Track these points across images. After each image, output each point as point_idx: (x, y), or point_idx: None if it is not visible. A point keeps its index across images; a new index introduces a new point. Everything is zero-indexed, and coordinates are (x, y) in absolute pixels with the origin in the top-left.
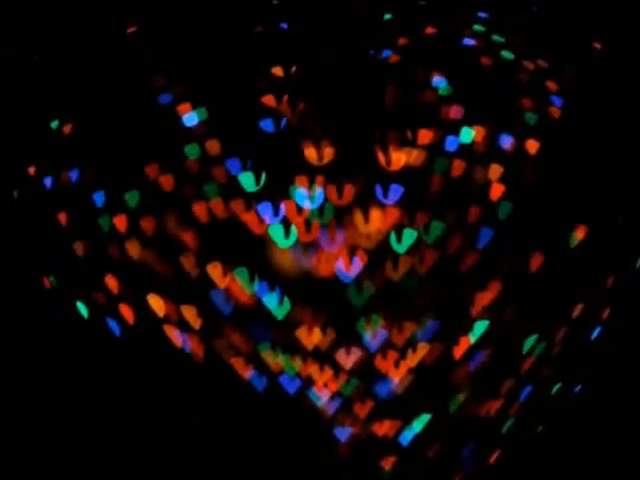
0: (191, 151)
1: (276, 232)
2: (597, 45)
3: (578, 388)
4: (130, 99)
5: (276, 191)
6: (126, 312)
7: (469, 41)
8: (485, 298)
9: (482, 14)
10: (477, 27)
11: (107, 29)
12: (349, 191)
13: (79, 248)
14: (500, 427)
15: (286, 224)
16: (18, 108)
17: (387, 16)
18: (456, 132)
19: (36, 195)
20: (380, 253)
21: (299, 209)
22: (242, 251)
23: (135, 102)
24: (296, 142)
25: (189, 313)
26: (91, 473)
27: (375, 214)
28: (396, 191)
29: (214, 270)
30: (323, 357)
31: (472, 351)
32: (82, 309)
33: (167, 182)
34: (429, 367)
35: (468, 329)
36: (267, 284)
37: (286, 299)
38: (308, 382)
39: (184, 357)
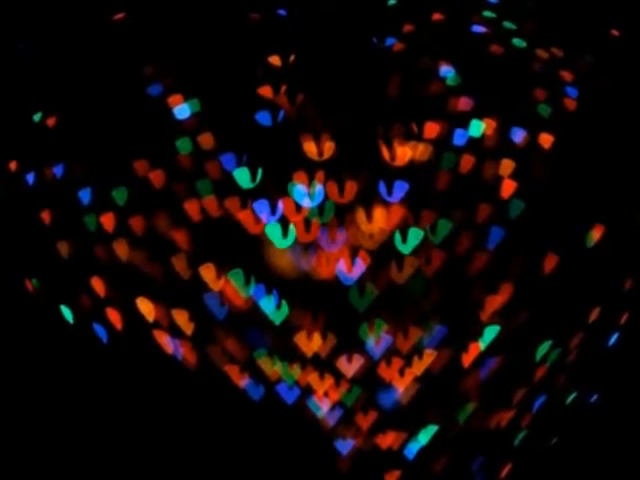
0: (183, 145)
1: (273, 232)
2: (614, 32)
3: (594, 397)
4: (118, 90)
5: (273, 188)
6: (114, 317)
7: (479, 28)
8: (496, 302)
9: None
10: (487, 13)
11: (93, 15)
12: (351, 188)
13: (63, 248)
14: (512, 439)
15: (284, 223)
16: None
17: (391, 1)
18: (465, 125)
19: (18, 192)
20: (384, 254)
21: (298, 207)
22: (237, 252)
23: (123, 93)
24: (295, 136)
25: (181, 318)
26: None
27: (378, 212)
28: (401, 188)
29: (207, 272)
30: (323, 364)
31: (482, 358)
32: (67, 313)
33: (157, 178)
34: (436, 375)
35: (478, 335)
36: (264, 287)
37: (284, 303)
38: (307, 391)
39: (175, 364)
